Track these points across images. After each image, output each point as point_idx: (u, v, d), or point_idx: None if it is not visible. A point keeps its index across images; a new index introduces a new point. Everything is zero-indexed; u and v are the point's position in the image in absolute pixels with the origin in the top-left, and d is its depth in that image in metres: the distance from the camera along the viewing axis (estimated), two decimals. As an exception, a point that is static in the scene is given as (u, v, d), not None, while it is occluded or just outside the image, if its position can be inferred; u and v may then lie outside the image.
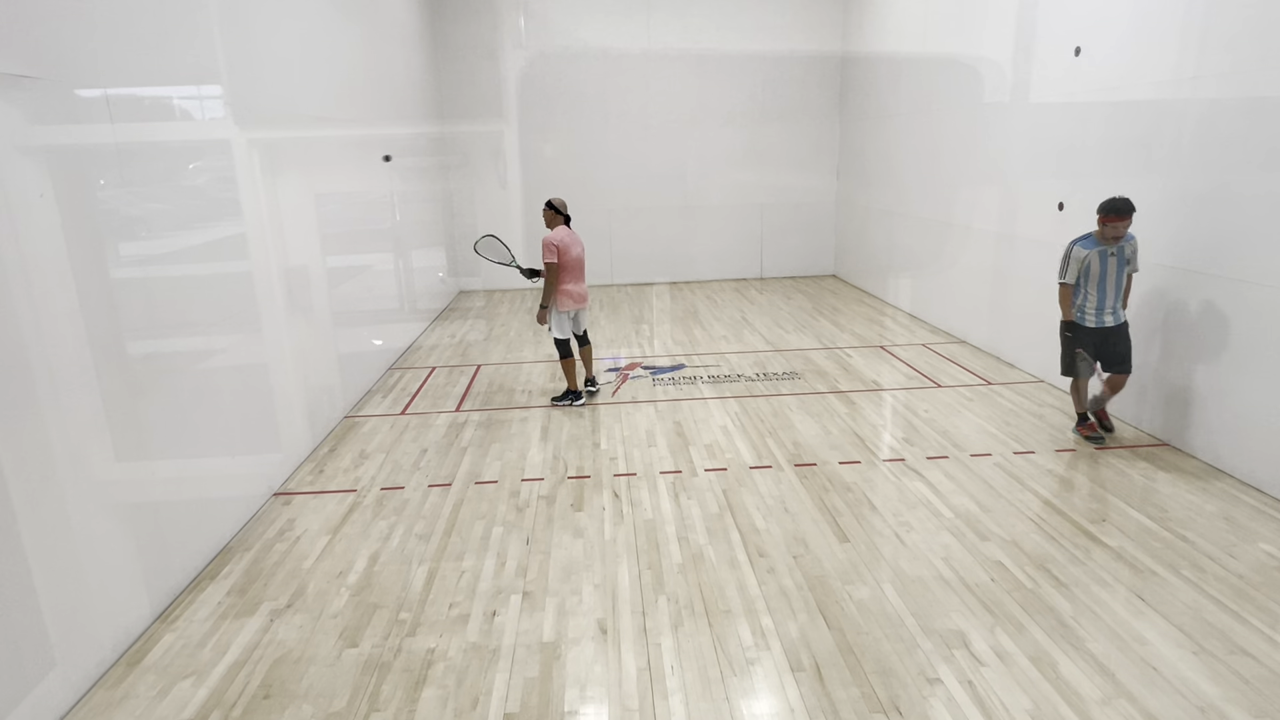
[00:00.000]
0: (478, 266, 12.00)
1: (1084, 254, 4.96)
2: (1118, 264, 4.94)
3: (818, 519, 4.40)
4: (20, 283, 2.88)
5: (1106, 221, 4.82)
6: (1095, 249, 4.93)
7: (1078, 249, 4.98)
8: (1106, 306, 5.03)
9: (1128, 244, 4.95)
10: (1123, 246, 4.93)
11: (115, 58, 3.58)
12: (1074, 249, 5.01)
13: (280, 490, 4.97)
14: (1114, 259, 4.93)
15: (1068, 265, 5.03)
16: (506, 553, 4.13)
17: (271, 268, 5.12)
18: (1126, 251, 4.96)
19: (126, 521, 3.47)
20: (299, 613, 3.63)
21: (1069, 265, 5.02)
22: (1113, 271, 4.95)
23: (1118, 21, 5.62)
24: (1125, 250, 4.95)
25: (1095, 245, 4.93)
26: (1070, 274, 5.04)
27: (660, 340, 8.59)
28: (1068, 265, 5.03)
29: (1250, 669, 3.09)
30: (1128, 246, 4.96)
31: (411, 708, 3.00)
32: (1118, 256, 4.94)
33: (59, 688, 2.99)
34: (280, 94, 5.49)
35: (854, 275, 11.67)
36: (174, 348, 3.99)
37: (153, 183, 3.95)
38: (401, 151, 9.22)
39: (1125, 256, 4.96)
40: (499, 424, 6.07)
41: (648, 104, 11.59)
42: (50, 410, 3.00)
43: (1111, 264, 4.94)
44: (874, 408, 6.24)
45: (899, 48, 9.70)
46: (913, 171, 9.43)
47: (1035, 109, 6.70)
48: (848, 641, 3.31)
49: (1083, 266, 4.98)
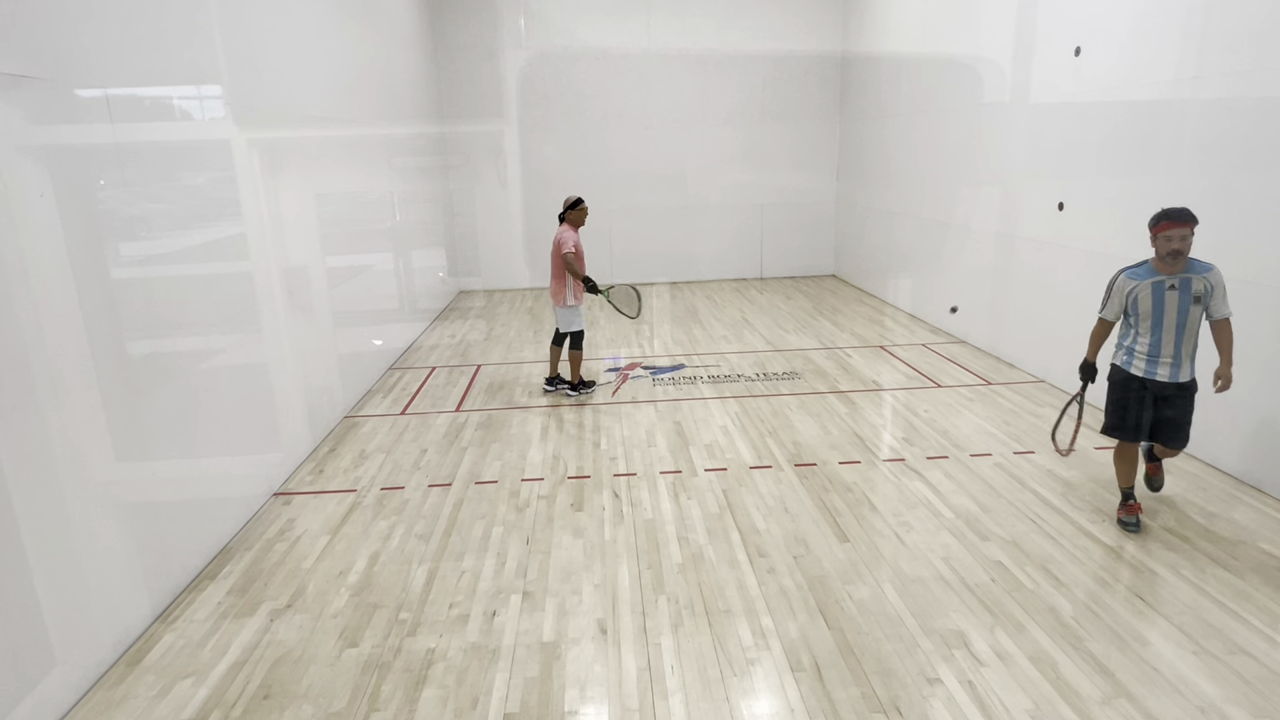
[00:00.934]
0: (478, 266, 12.01)
1: (1130, 285, 3.92)
2: (1181, 301, 3.80)
3: (818, 519, 4.40)
4: (20, 283, 2.88)
5: (1159, 231, 3.77)
6: (1149, 279, 3.86)
7: (1123, 278, 3.96)
8: (1163, 354, 3.93)
9: (1198, 276, 3.79)
10: (1189, 280, 3.78)
11: (115, 58, 3.58)
12: (1118, 278, 3.99)
13: (280, 490, 4.97)
14: (1175, 294, 3.80)
15: (1108, 297, 4.05)
16: (506, 553, 4.13)
17: (271, 268, 5.12)
18: (1196, 287, 3.79)
19: (126, 521, 3.47)
20: (299, 613, 3.63)
21: (1109, 297, 4.05)
22: (1173, 310, 3.83)
23: (1118, 21, 5.63)
24: (1195, 285, 3.79)
25: (1150, 275, 3.87)
26: (1110, 308, 4.06)
27: (660, 340, 8.59)
28: (1108, 297, 4.05)
29: (1250, 669, 3.09)
30: (1198, 280, 3.79)
31: (411, 708, 2.99)
32: (1181, 291, 3.80)
33: (59, 688, 2.98)
34: (280, 94, 5.49)
35: (854, 275, 11.67)
36: (174, 348, 3.99)
37: (153, 183, 3.95)
38: (401, 151, 9.22)
39: (1194, 293, 3.80)
40: (499, 424, 6.07)
41: (648, 104, 11.59)
42: (50, 410, 3.00)
43: (1171, 300, 3.81)
44: (874, 408, 6.24)
45: (899, 48, 9.70)
46: (913, 171, 9.43)
47: (1035, 109, 6.70)
48: (848, 641, 3.31)
49: (1128, 300, 3.94)
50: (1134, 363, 4.03)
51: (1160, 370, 3.96)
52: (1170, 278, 3.82)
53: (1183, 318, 3.85)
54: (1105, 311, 4.10)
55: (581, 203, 6.45)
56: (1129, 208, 5.60)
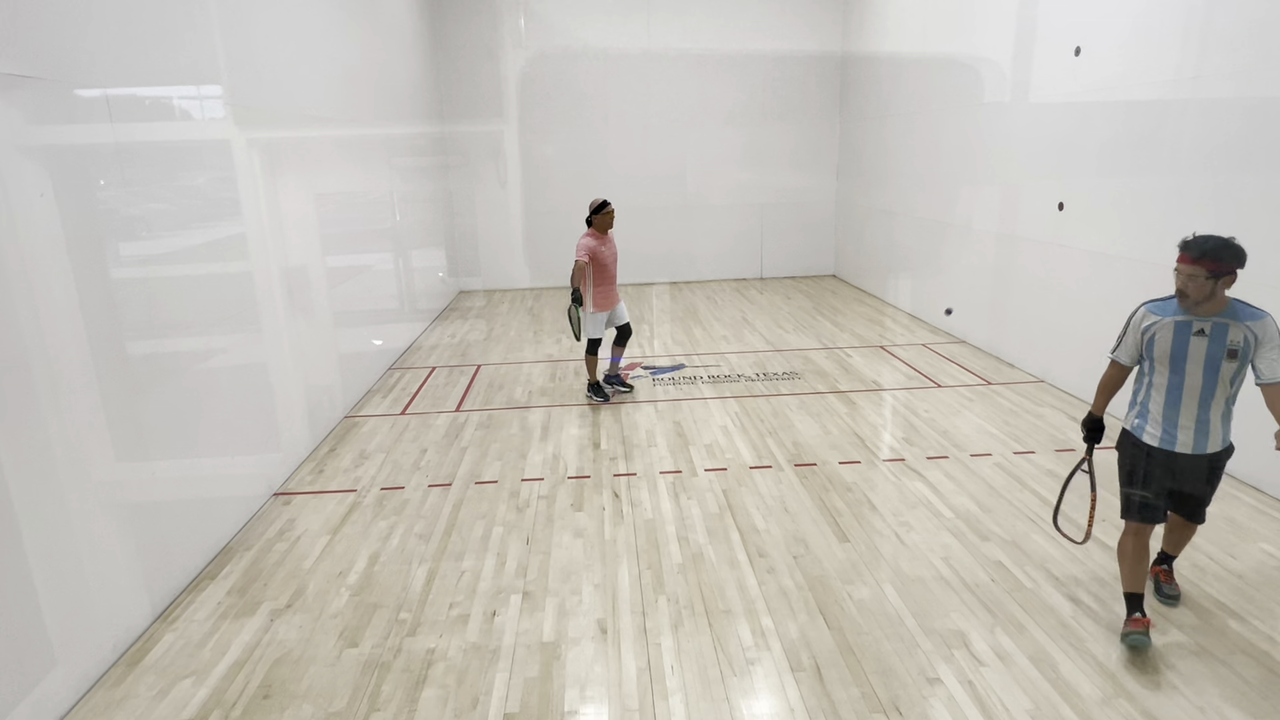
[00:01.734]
0: (477, 266, 12.01)
1: (1149, 321, 3.14)
2: (1210, 352, 3.01)
3: (818, 519, 4.40)
4: (20, 283, 2.88)
5: (1177, 264, 3.02)
6: (1172, 317, 3.09)
7: (1142, 311, 3.20)
8: (1182, 419, 3.11)
9: (1238, 324, 2.99)
10: (1224, 326, 2.99)
11: (115, 58, 3.58)
12: (1138, 310, 3.23)
13: (280, 490, 4.97)
14: (1203, 341, 3.02)
15: (1123, 333, 3.28)
16: (506, 553, 4.13)
17: (271, 268, 5.12)
18: (1233, 337, 2.99)
19: (126, 521, 3.47)
20: (299, 613, 3.63)
21: (1124, 333, 3.27)
22: (1197, 361, 3.03)
23: (1118, 21, 5.63)
24: (1231, 335, 2.99)
25: (1176, 312, 3.08)
26: (1123, 348, 3.26)
27: (660, 340, 8.59)
28: (1123, 333, 3.28)
29: (1250, 669, 3.09)
30: (1237, 329, 2.98)
31: (411, 708, 3.00)
32: (1212, 340, 3.00)
33: (59, 687, 2.99)
34: (280, 94, 5.49)
35: (854, 275, 11.67)
36: (174, 348, 3.99)
37: (153, 183, 3.95)
38: (401, 151, 9.22)
39: (1229, 344, 3.00)
40: (499, 424, 6.07)
41: (648, 104, 11.59)
42: (50, 410, 3.00)
43: (1197, 349, 3.02)
44: (874, 408, 6.24)
45: (899, 48, 9.70)
46: (913, 171, 9.43)
47: (1035, 109, 6.70)
48: (848, 641, 3.31)
49: (1145, 340, 3.16)
50: (1146, 427, 3.21)
51: (1180, 438, 3.13)
52: (1200, 319, 2.96)
53: (1210, 374, 3.02)
54: (1118, 352, 3.28)
55: (605, 207, 6.14)
56: (1129, 208, 5.60)
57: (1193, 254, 2.96)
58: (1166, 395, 3.14)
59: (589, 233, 6.15)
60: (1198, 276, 2.95)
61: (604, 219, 6.13)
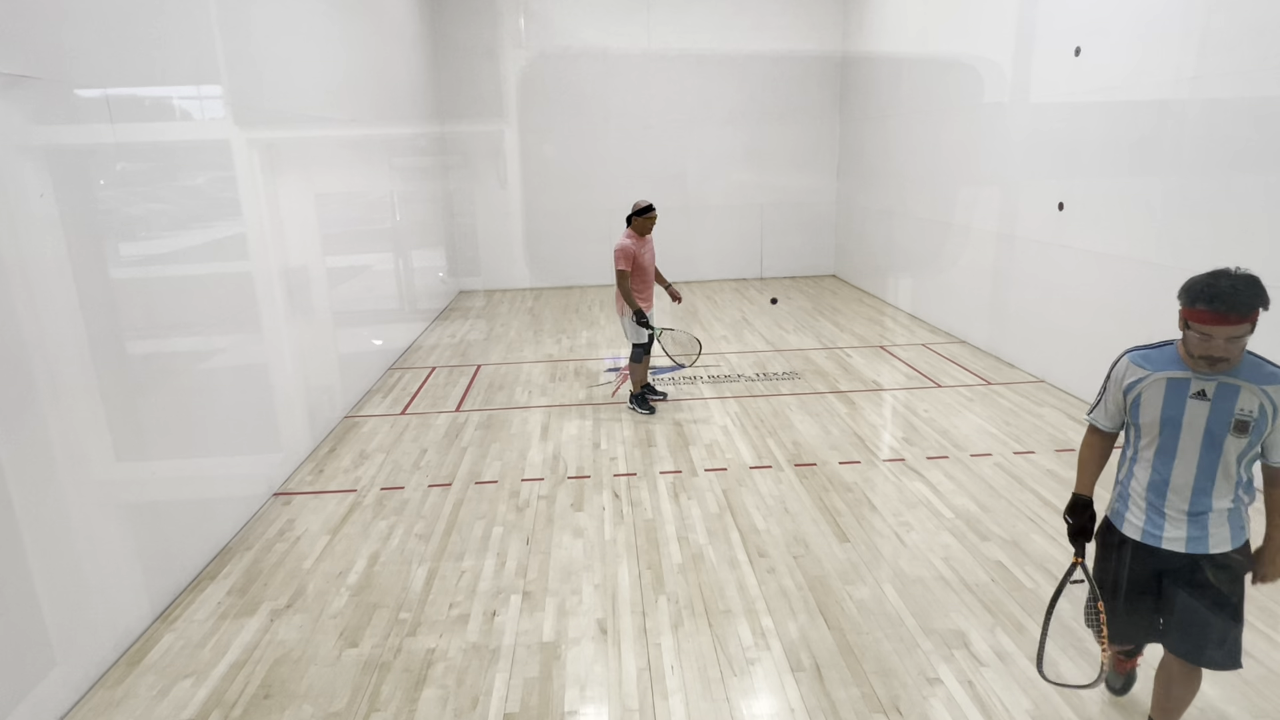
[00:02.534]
0: (477, 266, 12.01)
1: (1136, 376, 2.42)
2: (1213, 420, 2.30)
3: (818, 519, 4.40)
4: (20, 283, 2.88)
5: (1192, 319, 2.24)
6: (1164, 372, 2.37)
7: (1125, 361, 2.48)
8: (1170, 505, 2.41)
9: (1251, 387, 2.27)
10: (1234, 389, 2.28)
11: (115, 58, 3.58)
12: (1119, 360, 2.51)
13: (280, 490, 4.97)
14: (1203, 406, 2.31)
15: (1102, 390, 2.57)
16: (506, 553, 4.13)
17: (271, 268, 5.12)
18: (1245, 404, 2.28)
19: (126, 521, 3.47)
20: (299, 613, 3.63)
21: (1103, 389, 2.57)
22: (1195, 431, 2.33)
23: (1118, 21, 5.63)
24: (1242, 400, 2.27)
25: (1171, 365, 2.37)
26: (1102, 408, 2.57)
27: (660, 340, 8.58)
28: (1102, 390, 2.57)
29: (1250, 669, 3.09)
30: (1250, 393, 2.27)
31: (411, 708, 2.99)
32: (1216, 404, 2.30)
33: (59, 687, 2.99)
34: (280, 94, 5.49)
35: (854, 275, 11.67)
36: (174, 348, 3.99)
37: (153, 183, 3.95)
38: (401, 151, 9.22)
39: (1238, 412, 2.28)
40: (499, 424, 6.07)
41: (648, 104, 11.59)
42: (50, 410, 3.00)
43: (1196, 415, 2.32)
44: (874, 408, 6.24)
45: (899, 48, 9.70)
46: (913, 171, 9.43)
47: (1035, 109, 6.70)
48: (848, 641, 3.31)
49: (1130, 400, 2.45)
50: (1126, 514, 2.50)
51: (1168, 531, 2.41)
52: (1201, 378, 2.30)
53: (1212, 449, 2.31)
54: (1096, 413, 2.58)
55: (649, 211, 5.90)
56: (1129, 208, 5.60)
57: (1231, 308, 2.13)
58: (1153, 474, 2.42)
59: (628, 233, 5.97)
60: (1243, 335, 2.18)
61: (645, 223, 5.93)
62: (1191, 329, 2.25)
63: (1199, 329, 2.22)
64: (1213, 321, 2.18)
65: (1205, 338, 2.21)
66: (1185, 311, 2.27)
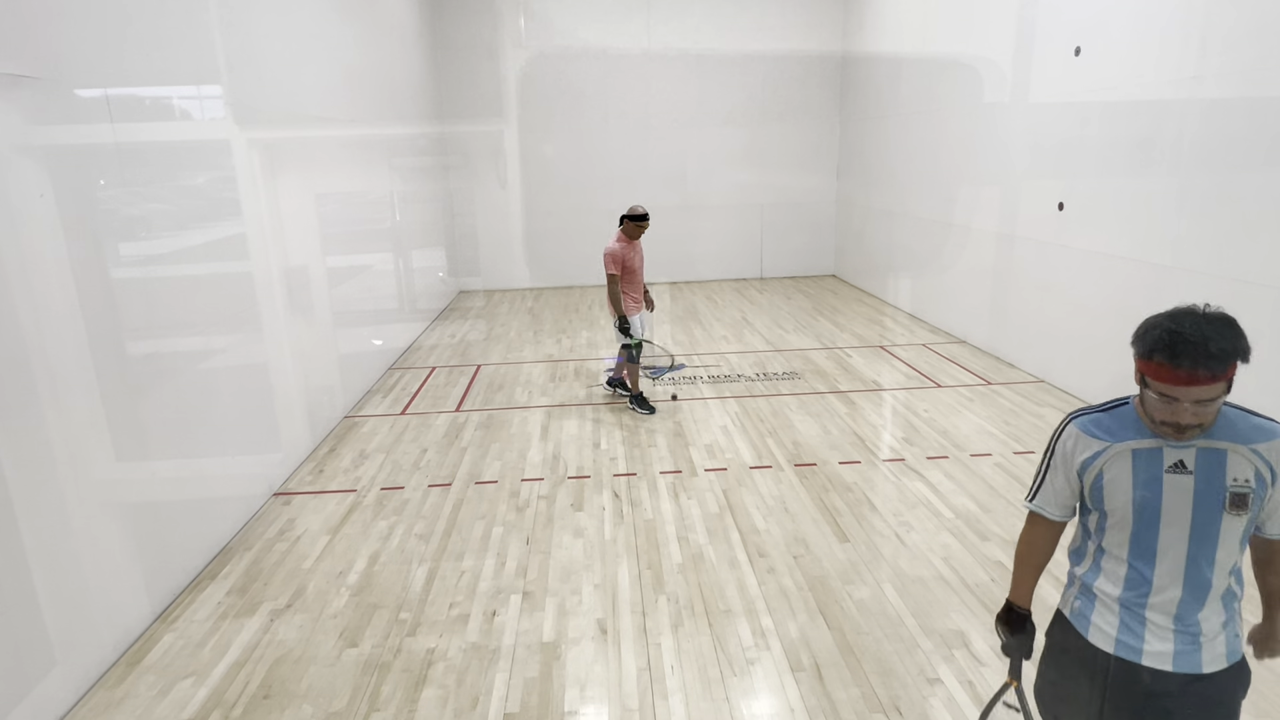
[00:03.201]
0: (478, 266, 12.01)
1: (1092, 450, 1.86)
2: (1200, 496, 1.77)
3: (818, 519, 4.40)
4: (20, 283, 2.88)
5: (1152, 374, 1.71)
6: (1127, 442, 1.83)
7: (1073, 429, 1.91)
8: (1153, 611, 1.85)
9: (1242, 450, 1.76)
10: (1220, 455, 1.76)
11: (115, 58, 3.58)
12: (1065, 427, 1.93)
13: (280, 490, 4.97)
14: (1185, 481, 1.77)
15: (1044, 466, 1.98)
16: (506, 553, 4.13)
17: (271, 268, 5.12)
18: (1238, 472, 1.76)
19: (126, 521, 3.47)
20: (299, 613, 3.63)
21: (1044, 465, 1.98)
22: (1181, 513, 1.78)
23: (1118, 21, 5.63)
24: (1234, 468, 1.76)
25: (1136, 432, 1.83)
26: (1046, 492, 1.99)
27: (660, 340, 8.59)
28: (1044, 466, 1.98)
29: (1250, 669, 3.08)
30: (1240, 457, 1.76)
31: (411, 708, 3.00)
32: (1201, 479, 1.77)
33: (59, 687, 2.99)
34: (280, 94, 5.49)
35: (854, 275, 11.67)
36: (174, 348, 3.99)
37: (153, 183, 3.95)
38: (401, 151, 9.22)
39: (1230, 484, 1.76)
40: (499, 424, 6.07)
41: (648, 104, 11.59)
42: (50, 410, 3.00)
43: (1178, 493, 1.78)
44: (874, 408, 6.24)
45: (899, 48, 9.70)
46: (913, 171, 9.43)
47: (1035, 109, 6.70)
48: (848, 641, 3.31)
49: (1089, 481, 1.88)
50: (1093, 618, 1.92)
51: (1150, 644, 1.86)
52: (1176, 446, 1.77)
53: (1205, 538, 1.78)
54: (1038, 498, 1.99)
55: (644, 220, 5.98)
56: (1129, 208, 5.60)
57: (1199, 363, 1.61)
58: (1129, 573, 1.84)
59: (618, 235, 6.02)
60: (1215, 400, 1.66)
61: (637, 229, 6.00)
62: (1150, 388, 1.72)
63: (1159, 389, 1.69)
64: (1176, 380, 1.65)
65: (1168, 401, 1.68)
66: (1141, 364, 1.74)
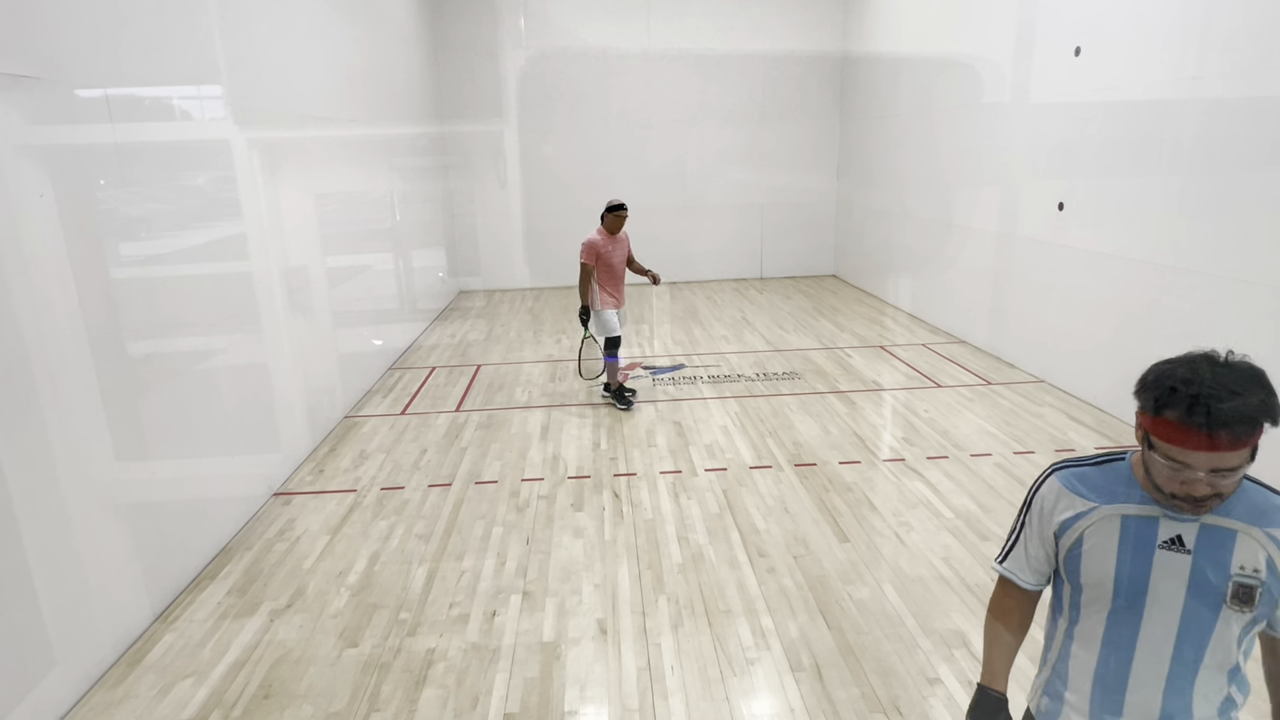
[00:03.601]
0: (478, 266, 12.01)
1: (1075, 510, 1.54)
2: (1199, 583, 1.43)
3: (818, 519, 4.40)
4: (20, 283, 2.88)
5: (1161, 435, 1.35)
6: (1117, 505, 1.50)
7: (1054, 484, 1.59)
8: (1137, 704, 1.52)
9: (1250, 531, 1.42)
10: (1226, 535, 1.42)
11: (115, 58, 3.58)
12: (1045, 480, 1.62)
13: (280, 490, 4.97)
14: (1181, 560, 1.44)
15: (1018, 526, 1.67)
16: (506, 553, 4.13)
17: (271, 268, 5.12)
18: (1245, 559, 1.42)
19: (126, 521, 3.47)
20: (299, 613, 3.63)
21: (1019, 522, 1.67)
22: (1173, 596, 1.45)
23: (1118, 21, 5.63)
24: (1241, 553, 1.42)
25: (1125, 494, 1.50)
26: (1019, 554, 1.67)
27: (660, 340, 8.59)
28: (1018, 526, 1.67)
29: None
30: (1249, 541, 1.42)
31: (411, 708, 3.00)
32: (1204, 561, 1.43)
33: (59, 687, 2.99)
34: (280, 94, 5.49)
35: (854, 275, 11.67)
36: (174, 348, 3.99)
37: (153, 183, 3.95)
38: (401, 151, 9.22)
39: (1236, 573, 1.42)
40: (499, 424, 6.07)
41: (648, 104, 11.59)
42: (50, 410, 3.00)
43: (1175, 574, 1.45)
44: (874, 408, 6.24)
45: (899, 48, 9.70)
46: (913, 171, 9.43)
47: (1035, 109, 6.70)
48: (848, 641, 3.31)
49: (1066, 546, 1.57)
50: (1063, 713, 1.63)
51: None
52: (1176, 517, 1.46)
53: (1197, 626, 1.48)
54: (1009, 561, 1.70)
55: (621, 209, 6.02)
56: (1129, 208, 5.60)
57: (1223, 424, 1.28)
58: (1100, 662, 1.55)
59: (598, 229, 6.14)
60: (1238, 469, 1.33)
61: (615, 220, 6.06)
62: (1157, 450, 1.37)
63: (1168, 452, 1.34)
64: (1190, 444, 1.31)
65: (1178, 468, 1.34)
66: (1146, 421, 1.39)
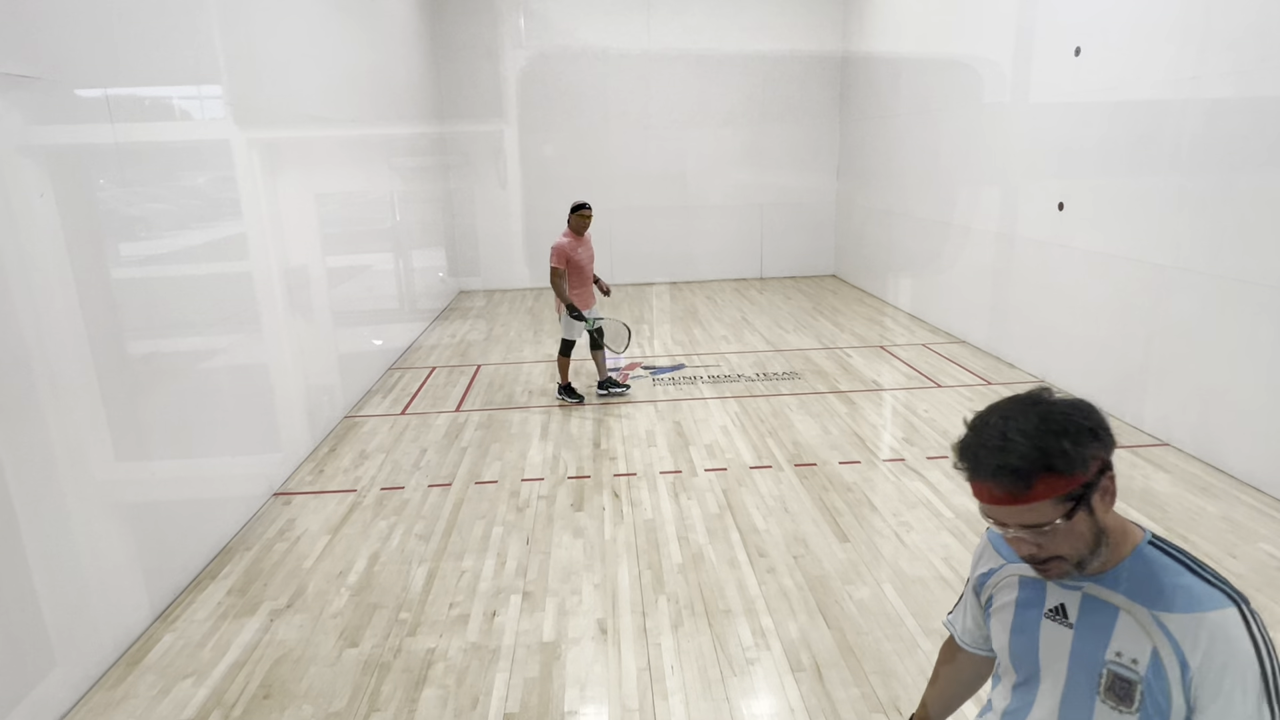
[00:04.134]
0: (478, 266, 12.01)
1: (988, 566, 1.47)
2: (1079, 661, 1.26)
3: (818, 519, 4.40)
4: (20, 283, 2.88)
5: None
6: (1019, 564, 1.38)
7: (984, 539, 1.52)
8: None
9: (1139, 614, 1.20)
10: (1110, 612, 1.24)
11: (115, 58, 3.58)
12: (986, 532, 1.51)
13: (280, 490, 4.97)
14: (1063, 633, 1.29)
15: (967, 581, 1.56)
16: (506, 553, 4.13)
17: (271, 268, 5.12)
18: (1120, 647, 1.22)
19: (126, 521, 3.47)
20: (299, 613, 3.63)
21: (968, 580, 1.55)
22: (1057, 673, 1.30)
23: (1118, 21, 5.62)
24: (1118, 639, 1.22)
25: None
26: (960, 611, 1.63)
27: (660, 340, 8.59)
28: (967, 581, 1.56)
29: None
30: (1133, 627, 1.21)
31: (411, 708, 2.99)
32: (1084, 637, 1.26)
33: (59, 688, 2.98)
34: (280, 94, 5.49)
35: (854, 275, 11.67)
36: (174, 348, 3.99)
37: (153, 183, 3.95)
38: (401, 151, 9.22)
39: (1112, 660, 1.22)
40: (499, 424, 6.07)
41: (648, 104, 11.59)
42: (50, 410, 3.00)
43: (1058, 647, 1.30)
44: (874, 408, 6.24)
45: (899, 48, 9.70)
46: (913, 171, 9.43)
47: (1035, 109, 6.70)
48: (848, 641, 3.31)
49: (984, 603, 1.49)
50: None
51: None
52: (1063, 584, 1.31)
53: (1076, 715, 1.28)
54: (954, 613, 1.67)
55: (582, 209, 6.13)
56: (1129, 208, 5.60)
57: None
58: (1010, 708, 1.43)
59: (565, 232, 6.21)
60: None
61: (580, 221, 6.16)
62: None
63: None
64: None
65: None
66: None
